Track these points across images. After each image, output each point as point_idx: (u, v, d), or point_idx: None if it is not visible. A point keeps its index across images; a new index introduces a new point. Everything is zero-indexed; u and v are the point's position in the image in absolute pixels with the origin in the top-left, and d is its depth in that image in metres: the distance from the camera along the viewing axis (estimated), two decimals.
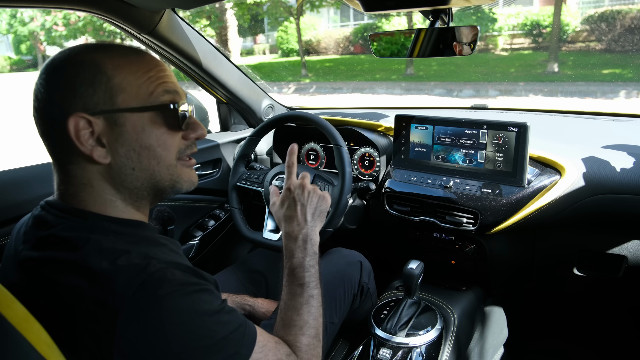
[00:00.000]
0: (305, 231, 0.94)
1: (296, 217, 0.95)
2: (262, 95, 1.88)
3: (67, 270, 0.62)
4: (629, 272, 1.27)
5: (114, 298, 0.59)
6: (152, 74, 0.70)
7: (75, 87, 0.65)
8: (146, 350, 0.59)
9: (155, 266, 0.62)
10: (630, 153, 1.23)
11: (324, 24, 17.24)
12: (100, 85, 0.66)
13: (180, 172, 0.75)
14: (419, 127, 1.40)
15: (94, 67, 0.66)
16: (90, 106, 0.65)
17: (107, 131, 0.67)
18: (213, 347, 0.63)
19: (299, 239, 0.93)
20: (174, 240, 0.76)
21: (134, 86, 0.68)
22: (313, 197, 0.98)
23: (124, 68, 0.68)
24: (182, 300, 0.62)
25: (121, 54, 0.69)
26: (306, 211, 0.96)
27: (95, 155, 0.66)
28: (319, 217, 0.98)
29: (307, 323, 0.84)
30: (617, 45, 10.67)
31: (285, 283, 0.90)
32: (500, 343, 1.53)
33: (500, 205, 1.25)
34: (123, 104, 0.67)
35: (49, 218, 0.68)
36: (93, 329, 0.59)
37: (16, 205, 1.15)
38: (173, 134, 0.72)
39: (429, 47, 1.13)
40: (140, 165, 0.70)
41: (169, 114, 0.71)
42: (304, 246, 0.92)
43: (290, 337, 0.81)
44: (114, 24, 1.27)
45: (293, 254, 0.92)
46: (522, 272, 1.46)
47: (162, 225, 0.98)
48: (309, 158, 1.77)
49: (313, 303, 0.86)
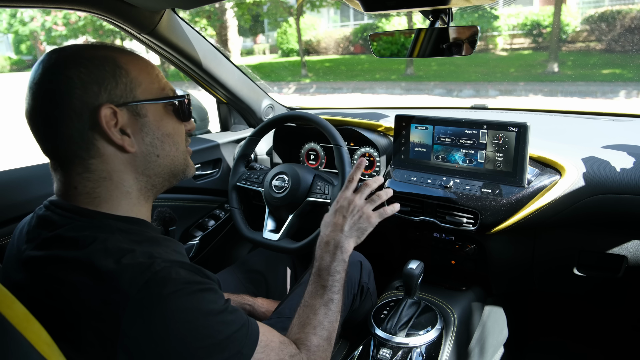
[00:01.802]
0: (338, 238, 0.97)
1: (335, 225, 0.99)
2: (262, 95, 1.88)
3: (72, 269, 0.62)
4: (629, 272, 1.27)
5: (119, 296, 0.59)
6: (156, 72, 0.76)
7: (99, 80, 0.67)
8: (150, 349, 0.59)
9: (160, 265, 0.62)
10: (630, 153, 1.23)
11: (324, 24, 17.23)
12: (120, 78, 0.69)
13: (188, 159, 0.82)
14: (419, 127, 1.40)
15: (112, 61, 0.69)
16: (115, 98, 0.68)
17: (131, 122, 0.70)
18: (216, 346, 0.63)
19: (330, 244, 0.96)
20: (176, 241, 0.77)
21: (147, 81, 0.73)
22: (357, 213, 1.00)
23: (135, 64, 0.72)
24: (186, 299, 0.62)
25: (126, 52, 0.73)
26: (346, 222, 0.99)
27: (126, 145, 0.70)
28: (356, 232, 1.00)
29: (322, 324, 0.86)
30: (617, 45, 10.67)
31: (309, 283, 0.93)
32: (500, 343, 1.53)
33: (500, 205, 1.25)
34: (142, 96, 0.71)
35: (55, 218, 0.68)
36: (98, 327, 0.59)
37: (16, 205, 1.15)
38: (181, 124, 0.79)
39: (429, 47, 1.13)
40: (164, 151, 0.75)
41: (178, 106, 0.77)
42: (334, 252, 0.95)
43: (302, 335, 0.83)
44: (114, 24, 1.27)
45: (322, 257, 0.95)
46: (522, 272, 1.46)
47: (164, 226, 0.98)
48: (309, 158, 1.77)
49: (332, 307, 0.89)
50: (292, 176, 1.40)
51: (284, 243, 1.36)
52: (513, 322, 1.58)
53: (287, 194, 1.38)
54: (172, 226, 0.98)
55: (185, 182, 1.65)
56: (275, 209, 1.44)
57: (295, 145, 1.79)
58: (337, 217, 1.00)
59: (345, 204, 1.01)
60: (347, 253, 0.97)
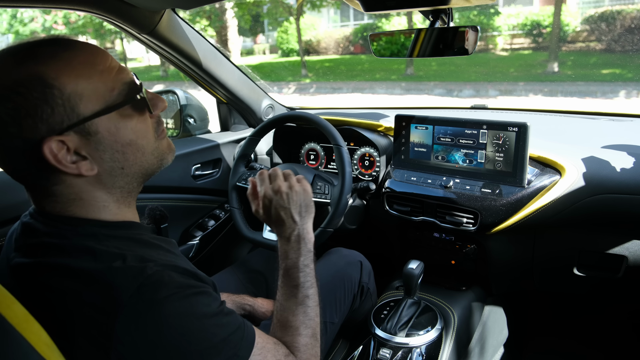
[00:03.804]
0: (297, 232, 0.92)
1: (284, 220, 0.93)
2: (262, 95, 1.88)
3: (62, 276, 0.61)
4: (629, 272, 1.27)
5: (111, 302, 0.58)
6: (100, 67, 0.64)
7: (31, 112, 0.58)
8: (145, 354, 0.59)
9: (152, 269, 0.61)
10: (630, 153, 1.23)
11: (324, 24, 17.23)
12: (55, 100, 0.59)
13: (162, 148, 0.73)
14: (419, 127, 1.40)
15: (39, 82, 0.58)
16: (56, 126, 0.60)
17: (83, 143, 0.62)
18: (212, 349, 0.63)
19: (291, 239, 0.91)
20: (169, 240, 0.75)
21: (90, 89, 0.62)
22: (293, 195, 0.94)
23: (69, 73, 0.61)
24: (180, 303, 0.61)
25: (55, 56, 0.61)
26: (292, 212, 0.93)
27: (83, 171, 0.63)
28: (306, 213, 0.95)
29: (304, 323, 0.83)
30: (617, 45, 10.67)
31: (280, 284, 0.88)
32: (500, 343, 1.53)
33: (500, 205, 1.24)
34: (87, 111, 0.62)
35: (38, 226, 0.66)
36: (91, 333, 0.58)
37: (16, 205, 1.14)
38: (145, 118, 0.69)
39: (429, 47, 1.12)
40: (128, 162, 0.68)
41: (137, 104, 0.67)
42: (297, 246, 0.90)
43: (288, 338, 0.81)
44: (114, 24, 1.27)
45: (287, 255, 0.90)
46: (522, 272, 1.46)
47: (155, 224, 0.97)
48: (309, 158, 1.77)
49: (309, 303, 0.85)
50: None
51: None
52: (513, 322, 1.58)
53: None
54: (163, 224, 0.97)
55: (185, 182, 1.65)
56: None
57: (295, 145, 1.79)
58: (278, 212, 0.94)
59: (276, 196, 0.95)
60: (311, 242, 0.92)
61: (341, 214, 1.31)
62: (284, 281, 0.88)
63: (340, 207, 1.29)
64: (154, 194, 1.53)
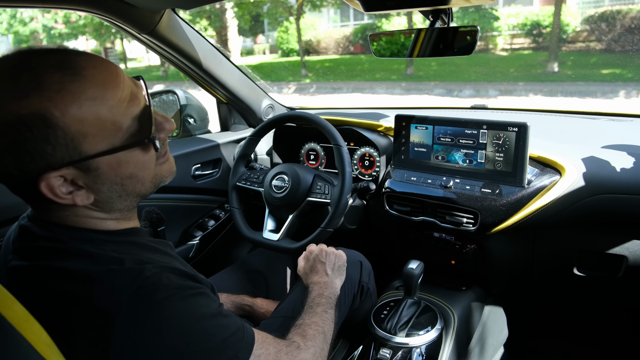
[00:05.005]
0: (326, 280, 1.09)
1: (319, 270, 1.12)
2: (262, 95, 1.88)
3: (60, 279, 0.61)
4: (629, 272, 1.27)
5: (110, 304, 0.58)
6: (110, 102, 0.59)
7: (31, 151, 0.56)
8: (144, 356, 0.59)
9: (151, 271, 0.61)
10: (630, 153, 1.23)
11: (324, 24, 17.23)
12: (57, 140, 0.56)
13: (161, 173, 0.72)
14: (419, 127, 1.40)
15: (41, 123, 0.54)
16: (55, 164, 0.58)
17: (81, 175, 0.61)
18: (212, 350, 0.63)
19: (321, 283, 1.08)
20: (166, 242, 0.75)
21: (96, 128, 0.58)
22: (330, 255, 1.15)
23: (75, 112, 0.56)
24: (179, 304, 0.61)
25: (61, 89, 0.55)
26: (326, 267, 1.12)
27: (78, 202, 0.62)
28: (337, 271, 1.14)
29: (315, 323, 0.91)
30: (617, 45, 10.66)
31: (305, 308, 0.99)
32: (500, 343, 1.53)
33: (500, 205, 1.24)
34: (91, 150, 0.59)
35: (35, 230, 0.66)
36: (90, 336, 0.58)
37: (16, 205, 1.14)
38: (149, 150, 0.66)
39: (429, 47, 1.12)
40: (126, 192, 0.67)
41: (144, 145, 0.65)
42: (325, 287, 1.06)
43: (298, 330, 0.87)
44: (114, 24, 1.27)
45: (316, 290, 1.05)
46: (522, 272, 1.46)
47: (152, 227, 0.97)
48: (309, 158, 1.77)
49: (325, 316, 0.95)
50: (292, 176, 1.40)
51: (284, 243, 1.37)
52: (513, 322, 1.58)
53: (287, 194, 1.38)
54: (160, 226, 0.97)
55: (185, 182, 1.65)
56: (275, 209, 1.44)
57: (295, 145, 1.79)
58: (316, 264, 1.13)
59: (317, 252, 1.16)
60: (336, 294, 1.08)
61: (341, 214, 1.31)
62: (308, 305, 1.00)
63: (340, 207, 1.29)
64: (153, 193, 1.53)
